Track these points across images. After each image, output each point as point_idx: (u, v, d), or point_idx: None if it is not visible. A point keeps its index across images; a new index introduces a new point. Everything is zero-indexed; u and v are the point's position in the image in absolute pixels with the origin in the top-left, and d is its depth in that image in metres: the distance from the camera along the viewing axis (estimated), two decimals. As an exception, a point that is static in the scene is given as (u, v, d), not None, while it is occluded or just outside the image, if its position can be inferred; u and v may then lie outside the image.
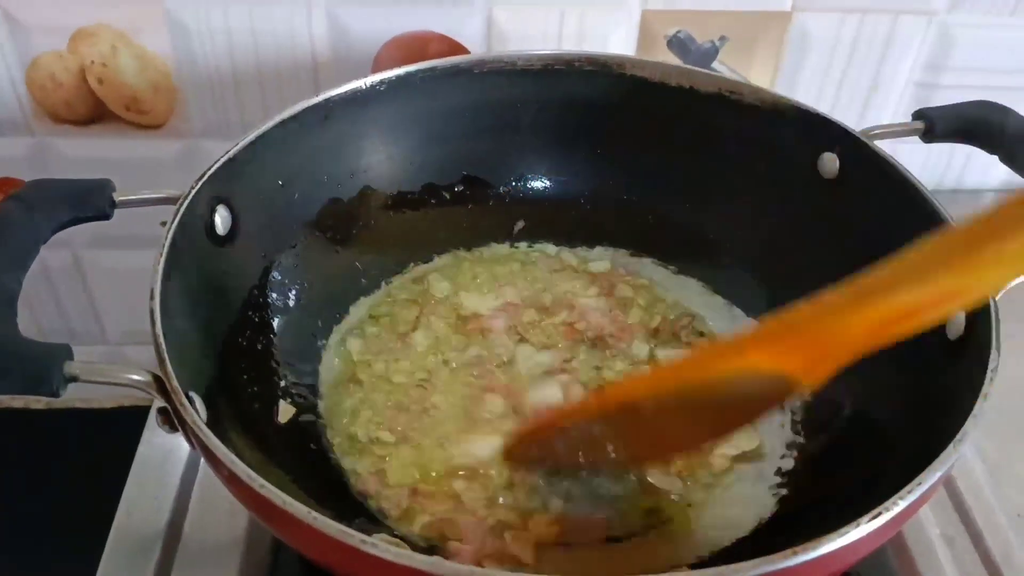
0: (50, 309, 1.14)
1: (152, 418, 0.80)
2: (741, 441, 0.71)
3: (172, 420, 0.56)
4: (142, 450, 0.78)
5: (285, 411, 0.70)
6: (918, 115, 0.79)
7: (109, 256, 1.09)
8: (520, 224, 0.89)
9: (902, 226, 0.71)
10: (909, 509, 0.50)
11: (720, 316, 0.82)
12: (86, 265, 1.10)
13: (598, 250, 0.88)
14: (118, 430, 0.86)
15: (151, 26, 0.91)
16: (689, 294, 0.84)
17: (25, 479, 1.11)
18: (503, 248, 0.88)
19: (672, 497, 0.68)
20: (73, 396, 1.18)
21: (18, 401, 1.21)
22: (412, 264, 0.85)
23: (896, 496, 0.50)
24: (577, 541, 0.64)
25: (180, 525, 0.73)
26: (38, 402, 1.22)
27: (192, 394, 0.55)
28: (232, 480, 0.51)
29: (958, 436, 0.53)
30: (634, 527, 0.66)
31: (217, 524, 0.73)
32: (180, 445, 0.78)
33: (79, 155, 1.00)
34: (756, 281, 0.82)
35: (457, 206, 0.88)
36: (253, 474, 0.49)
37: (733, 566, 0.46)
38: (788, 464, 0.70)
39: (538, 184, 0.90)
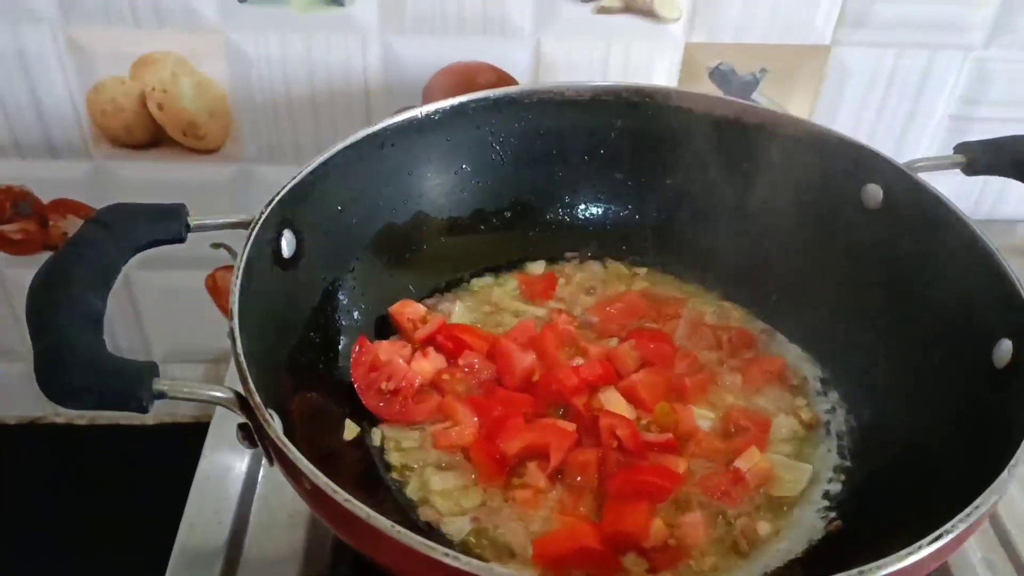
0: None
1: (212, 437, 0.83)
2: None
3: (252, 436, 0.58)
4: (203, 466, 0.80)
5: (350, 429, 0.72)
6: (960, 148, 0.81)
7: (157, 275, 1.12)
8: (569, 255, 0.91)
9: (946, 255, 0.74)
10: (967, 531, 0.52)
11: (763, 341, 0.84)
12: (134, 285, 1.13)
13: (643, 272, 0.91)
14: (171, 447, 0.89)
15: (211, 54, 0.94)
16: (730, 320, 0.86)
17: (86, 496, 1.13)
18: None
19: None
20: (119, 414, 1.23)
21: (63, 418, 1.24)
22: (462, 286, 0.88)
23: (956, 519, 0.51)
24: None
25: (241, 540, 0.75)
26: (82, 418, 1.25)
27: (271, 411, 0.57)
28: (314, 493, 0.53)
29: (1013, 461, 0.55)
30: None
31: (277, 538, 0.75)
32: (239, 462, 0.81)
33: (136, 178, 1.03)
34: (799, 308, 0.84)
35: (506, 232, 0.90)
36: (337, 488, 0.51)
37: (802, 584, 0.48)
38: (836, 488, 0.72)
39: (584, 211, 0.92)
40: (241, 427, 0.59)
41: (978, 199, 1.11)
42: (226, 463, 0.80)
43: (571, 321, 0.84)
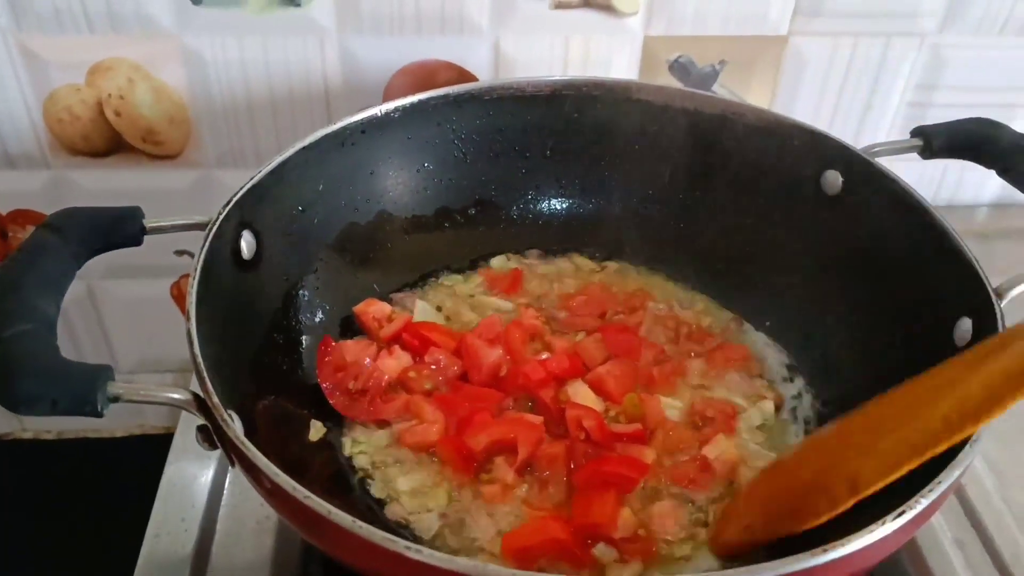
0: (63, 339, 1.14)
1: (177, 444, 0.82)
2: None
3: (212, 437, 0.57)
4: (168, 474, 0.79)
5: (316, 430, 0.72)
6: (916, 132, 0.82)
7: (121, 286, 1.11)
8: (533, 252, 0.91)
9: (905, 238, 0.75)
10: (931, 507, 0.52)
11: (730, 330, 0.84)
12: (99, 295, 1.11)
13: (608, 265, 0.91)
14: (139, 458, 0.88)
15: (167, 59, 0.93)
16: (697, 311, 0.86)
17: (55, 511, 1.12)
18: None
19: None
20: (86, 427, 1.21)
21: (29, 433, 1.22)
22: (427, 284, 0.87)
23: (918, 495, 0.52)
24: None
25: (208, 547, 0.74)
26: (49, 432, 1.23)
27: (231, 411, 0.57)
28: (275, 493, 0.52)
29: (974, 436, 0.55)
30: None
31: (244, 546, 0.74)
32: (206, 469, 0.80)
33: (95, 187, 1.01)
34: (763, 296, 0.85)
35: (470, 228, 0.90)
36: (297, 485, 0.51)
37: (767, 564, 0.48)
38: (804, 473, 0.72)
39: (547, 205, 0.92)
40: (200, 429, 0.58)
41: (938, 186, 1.12)
42: (192, 471, 0.79)
43: (537, 316, 0.83)
